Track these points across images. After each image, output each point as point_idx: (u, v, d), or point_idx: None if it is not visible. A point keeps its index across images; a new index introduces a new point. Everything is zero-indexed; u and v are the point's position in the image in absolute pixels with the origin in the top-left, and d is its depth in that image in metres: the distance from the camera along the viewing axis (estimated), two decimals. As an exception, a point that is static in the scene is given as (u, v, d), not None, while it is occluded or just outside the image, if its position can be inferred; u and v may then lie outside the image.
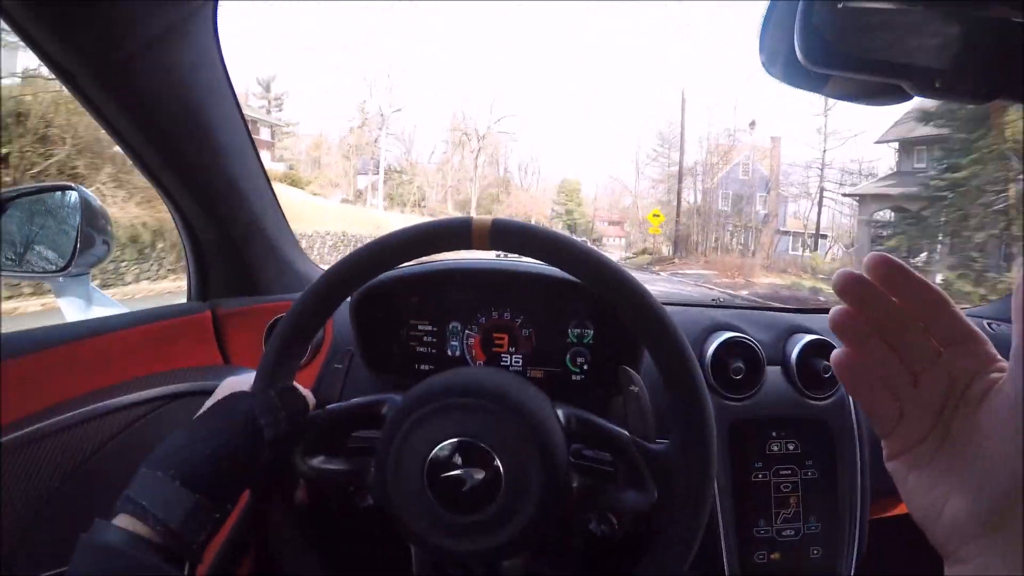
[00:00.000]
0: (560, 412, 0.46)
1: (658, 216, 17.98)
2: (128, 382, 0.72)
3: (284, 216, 0.88)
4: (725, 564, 0.74)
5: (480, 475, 0.41)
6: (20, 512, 0.58)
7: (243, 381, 0.50)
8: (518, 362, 0.72)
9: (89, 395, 0.66)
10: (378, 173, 22.97)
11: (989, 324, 1.04)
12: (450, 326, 0.73)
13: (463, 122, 25.49)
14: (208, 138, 0.76)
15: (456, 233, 0.44)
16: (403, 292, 0.73)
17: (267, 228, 0.85)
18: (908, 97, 0.65)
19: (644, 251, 20.74)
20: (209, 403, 0.47)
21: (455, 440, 0.41)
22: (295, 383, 0.48)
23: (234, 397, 0.45)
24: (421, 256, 0.46)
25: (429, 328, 0.73)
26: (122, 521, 0.37)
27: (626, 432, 0.45)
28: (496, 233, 0.43)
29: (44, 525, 0.59)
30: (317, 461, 0.46)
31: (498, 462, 0.41)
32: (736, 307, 0.89)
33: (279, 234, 0.87)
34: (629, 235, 23.47)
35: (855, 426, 0.78)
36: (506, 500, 0.41)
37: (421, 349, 0.74)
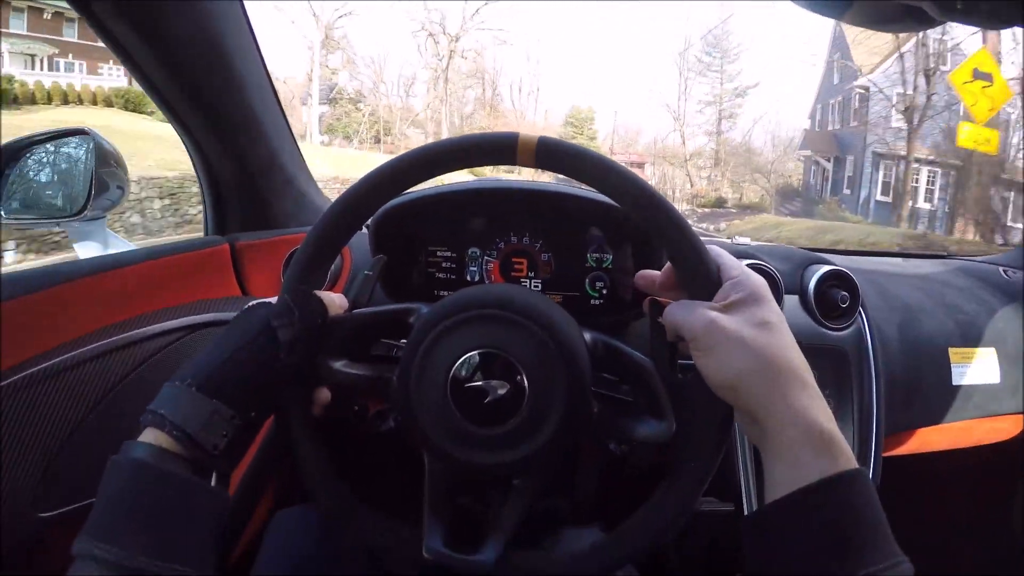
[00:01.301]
0: (587, 335, 0.46)
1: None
2: (148, 314, 0.72)
3: (299, 150, 0.88)
4: (743, 497, 0.74)
5: (504, 388, 0.41)
6: (46, 444, 0.58)
7: (264, 302, 0.50)
8: (537, 286, 0.73)
9: (109, 327, 0.66)
10: (326, 102, 18.49)
11: (1004, 271, 1.05)
12: (469, 251, 0.73)
13: (428, 17, 19.16)
14: (228, 70, 0.76)
15: (500, 148, 0.44)
16: (421, 217, 0.73)
17: (284, 162, 0.85)
18: (930, 22, 0.65)
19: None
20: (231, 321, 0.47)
21: (481, 351, 0.41)
22: (320, 291, 0.48)
23: (250, 308, 0.45)
24: (462, 167, 0.45)
25: (448, 254, 0.74)
26: (147, 436, 0.38)
27: (650, 361, 0.45)
28: (542, 150, 0.43)
29: (73, 456, 0.60)
30: (340, 364, 0.46)
31: (523, 376, 0.41)
32: (750, 244, 0.89)
33: (295, 168, 0.87)
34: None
35: (871, 357, 0.78)
36: (528, 415, 0.41)
37: (440, 275, 0.74)
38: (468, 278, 0.74)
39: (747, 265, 0.74)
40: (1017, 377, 0.95)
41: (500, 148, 0.44)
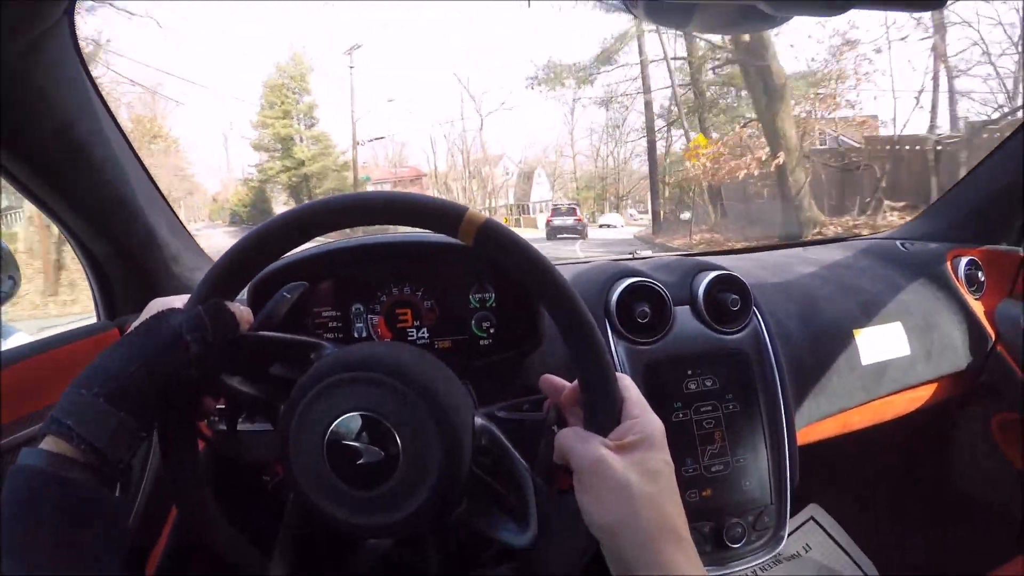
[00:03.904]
0: (479, 420, 0.46)
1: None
2: (40, 411, 0.70)
3: (180, 221, 0.86)
4: None
5: (379, 453, 0.41)
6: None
7: (170, 301, 0.49)
8: (425, 335, 0.72)
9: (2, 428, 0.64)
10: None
11: (902, 244, 1.08)
12: (353, 308, 0.72)
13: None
14: (85, 155, 0.74)
15: (445, 217, 0.43)
16: (300, 278, 0.71)
17: (163, 237, 0.83)
18: (771, 20, 0.66)
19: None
20: (137, 323, 0.44)
21: (361, 413, 0.41)
22: (229, 302, 0.46)
23: (161, 314, 0.43)
24: (400, 224, 0.45)
25: (333, 313, 0.73)
26: (48, 444, 0.37)
27: (527, 468, 0.44)
28: (484, 232, 0.42)
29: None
30: (235, 380, 0.46)
31: (398, 443, 0.41)
32: (648, 258, 0.90)
33: (177, 241, 0.85)
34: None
35: (771, 356, 0.79)
36: (399, 482, 0.40)
37: (328, 335, 0.73)
38: (355, 335, 0.73)
39: (630, 284, 0.75)
40: (927, 345, 0.98)
41: (445, 217, 0.43)
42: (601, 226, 17.52)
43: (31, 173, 0.72)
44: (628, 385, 0.45)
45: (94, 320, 0.87)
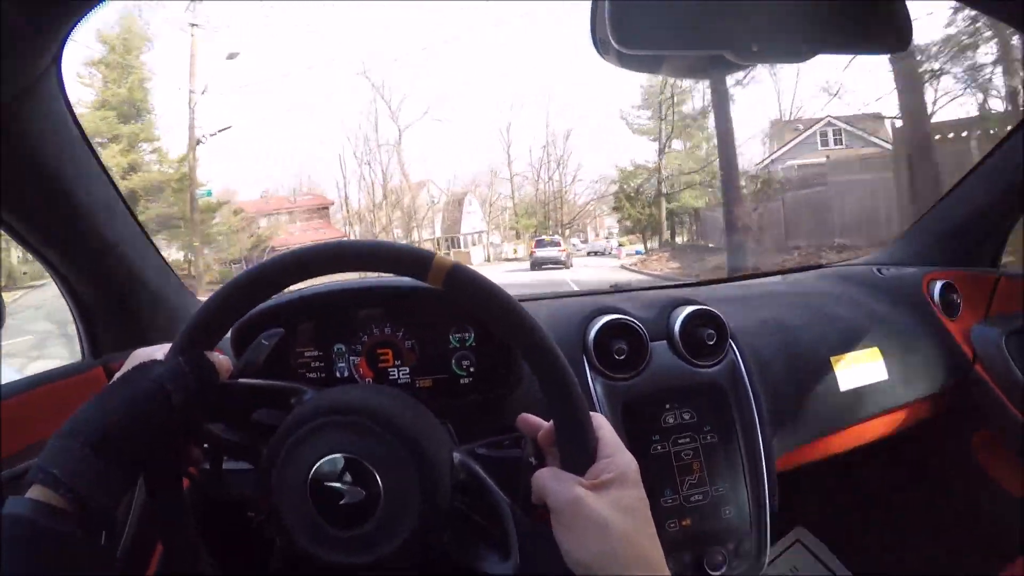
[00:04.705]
0: (457, 456, 0.47)
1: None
2: (23, 451, 0.71)
3: (168, 264, 0.88)
4: None
5: (361, 493, 0.42)
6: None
7: (152, 352, 0.49)
8: (405, 374, 0.73)
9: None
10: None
11: (878, 270, 1.10)
12: (335, 348, 0.74)
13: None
14: (71, 203, 0.75)
15: (414, 263, 0.45)
16: (283, 321, 0.73)
17: (149, 280, 0.84)
18: (735, 67, 0.68)
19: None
20: (119, 374, 0.46)
21: (344, 455, 0.42)
22: (209, 352, 0.47)
23: (143, 366, 0.45)
24: (370, 270, 0.47)
25: (315, 354, 0.74)
26: (34, 492, 0.37)
27: (507, 500, 0.46)
28: (452, 275, 0.44)
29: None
30: (217, 427, 0.47)
31: (379, 484, 0.42)
32: (628, 290, 0.91)
33: (164, 284, 0.86)
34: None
35: (748, 386, 0.81)
36: (380, 522, 0.42)
37: (311, 375, 0.74)
38: (337, 374, 0.74)
39: (607, 321, 0.77)
40: (904, 369, 1.00)
41: (413, 263, 0.45)
42: (589, 254, 17.15)
43: (17, 218, 0.73)
44: (602, 424, 0.46)
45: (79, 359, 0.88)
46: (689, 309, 0.80)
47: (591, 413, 0.45)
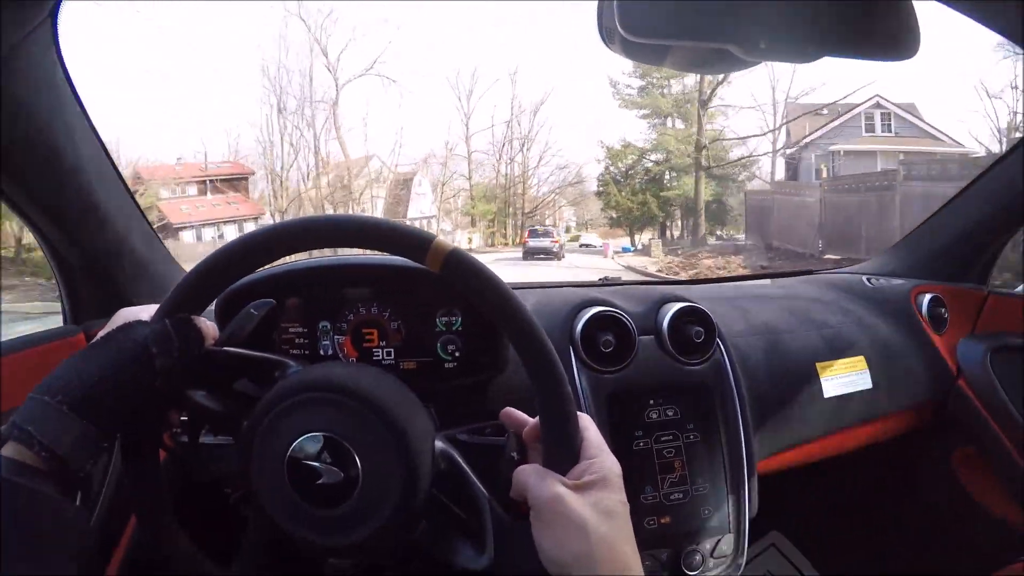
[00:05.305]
0: (439, 444, 0.46)
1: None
2: (3, 413, 0.69)
3: (154, 231, 0.86)
4: None
5: (338, 473, 0.41)
6: None
7: (138, 312, 0.49)
8: (390, 355, 0.73)
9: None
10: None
11: (867, 279, 1.10)
12: (320, 325, 0.73)
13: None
14: (59, 160, 0.74)
15: (413, 244, 0.44)
16: (269, 295, 0.72)
17: (135, 246, 0.83)
18: (741, 64, 0.68)
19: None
20: (103, 332, 0.45)
21: (323, 433, 0.42)
22: (195, 316, 0.47)
23: (128, 326, 0.44)
24: (368, 248, 0.45)
25: (299, 330, 0.73)
26: (8, 450, 0.36)
27: (486, 493, 0.45)
28: (450, 260, 0.43)
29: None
30: (199, 395, 0.46)
31: (358, 465, 0.41)
32: (618, 284, 0.91)
33: (149, 251, 0.85)
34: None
35: (733, 387, 0.81)
36: (358, 503, 0.41)
37: (295, 351, 0.73)
38: (321, 352, 0.73)
39: (595, 313, 0.76)
40: (889, 380, 1.00)
41: (412, 244, 0.44)
42: (582, 246, 15.93)
43: (5, 174, 0.71)
44: (587, 425, 0.46)
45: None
46: (678, 306, 0.80)
47: (578, 413, 0.45)
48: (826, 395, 0.94)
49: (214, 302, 0.68)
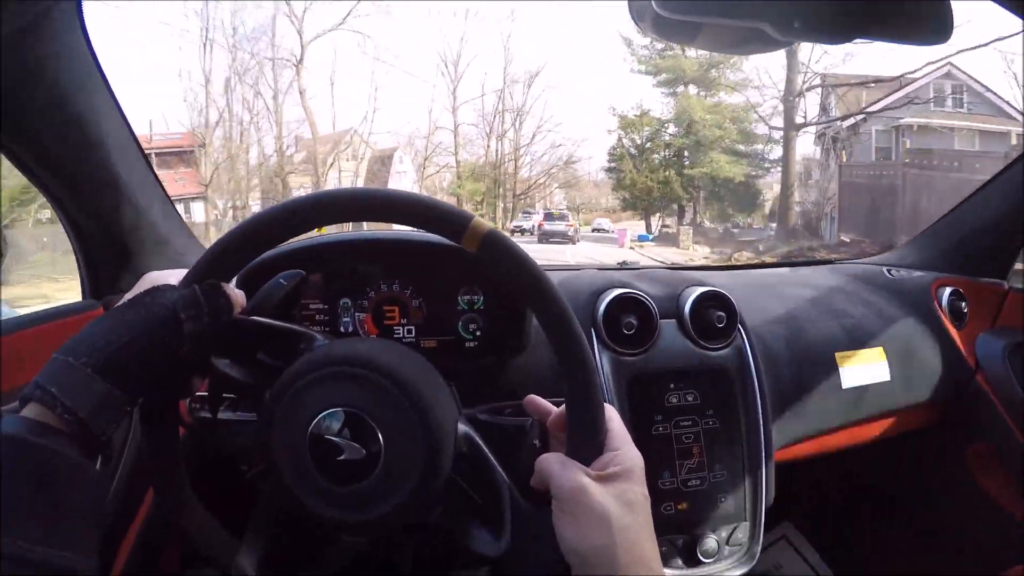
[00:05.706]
0: (462, 427, 0.46)
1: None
2: (17, 389, 0.69)
3: (173, 206, 0.86)
4: None
5: (360, 449, 0.41)
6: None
7: (166, 276, 0.48)
8: (411, 333, 0.72)
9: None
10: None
11: (888, 271, 1.09)
12: (341, 302, 0.72)
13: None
14: (82, 132, 0.74)
15: (451, 222, 0.43)
16: (290, 268, 0.72)
17: (155, 220, 0.83)
18: (774, 43, 0.67)
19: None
20: (130, 295, 0.44)
21: (345, 409, 0.41)
22: (225, 283, 0.46)
23: (156, 290, 0.43)
24: (407, 224, 0.45)
25: (321, 306, 0.73)
26: (30, 411, 0.36)
27: (507, 479, 0.45)
28: (487, 240, 0.43)
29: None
30: (223, 363, 0.46)
31: (380, 442, 0.41)
32: (638, 268, 0.90)
33: (168, 226, 0.85)
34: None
35: (754, 374, 0.80)
36: (379, 480, 0.41)
37: (315, 328, 0.73)
38: (342, 329, 0.73)
39: (618, 295, 0.76)
40: (907, 372, 0.99)
41: (451, 222, 0.43)
42: (594, 230, 14.91)
43: (26, 146, 0.71)
44: (612, 416, 0.46)
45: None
46: (700, 290, 0.79)
47: (606, 405, 0.45)
48: (844, 386, 0.93)
49: (237, 284, 0.68)
